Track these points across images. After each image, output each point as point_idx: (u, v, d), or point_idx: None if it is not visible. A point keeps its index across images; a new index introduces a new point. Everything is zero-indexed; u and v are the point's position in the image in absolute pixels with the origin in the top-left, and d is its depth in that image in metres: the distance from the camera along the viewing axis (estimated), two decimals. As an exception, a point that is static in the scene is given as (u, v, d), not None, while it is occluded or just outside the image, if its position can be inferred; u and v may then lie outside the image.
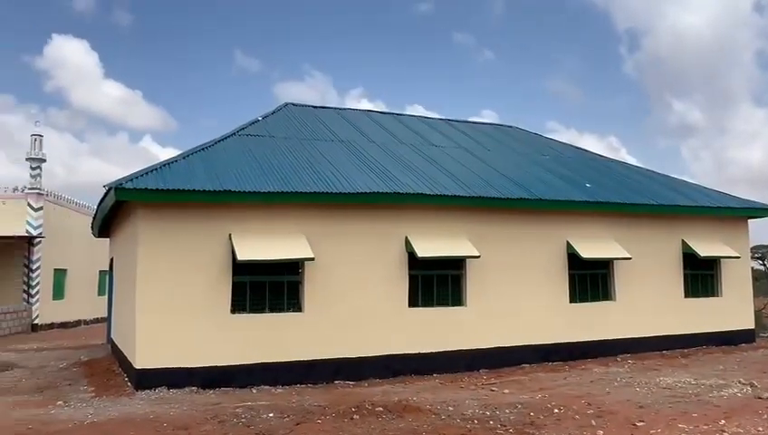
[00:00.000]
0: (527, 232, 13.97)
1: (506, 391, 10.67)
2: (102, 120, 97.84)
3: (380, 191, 12.38)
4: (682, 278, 15.83)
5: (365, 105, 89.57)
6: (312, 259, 11.58)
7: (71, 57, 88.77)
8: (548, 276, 14.08)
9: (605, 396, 10.01)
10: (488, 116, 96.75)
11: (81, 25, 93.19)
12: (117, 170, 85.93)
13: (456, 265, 13.22)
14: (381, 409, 9.10)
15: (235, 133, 14.52)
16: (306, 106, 18.45)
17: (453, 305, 13.16)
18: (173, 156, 12.95)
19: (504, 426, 8.16)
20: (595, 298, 14.73)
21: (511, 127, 21.20)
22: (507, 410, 9.00)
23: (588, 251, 14.17)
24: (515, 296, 13.56)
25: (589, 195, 14.84)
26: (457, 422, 8.38)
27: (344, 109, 19.50)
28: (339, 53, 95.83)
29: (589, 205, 14.51)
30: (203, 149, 13.21)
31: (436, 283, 13.12)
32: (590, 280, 14.75)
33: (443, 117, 20.67)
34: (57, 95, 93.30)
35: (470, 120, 21.94)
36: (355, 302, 12.17)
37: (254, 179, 11.89)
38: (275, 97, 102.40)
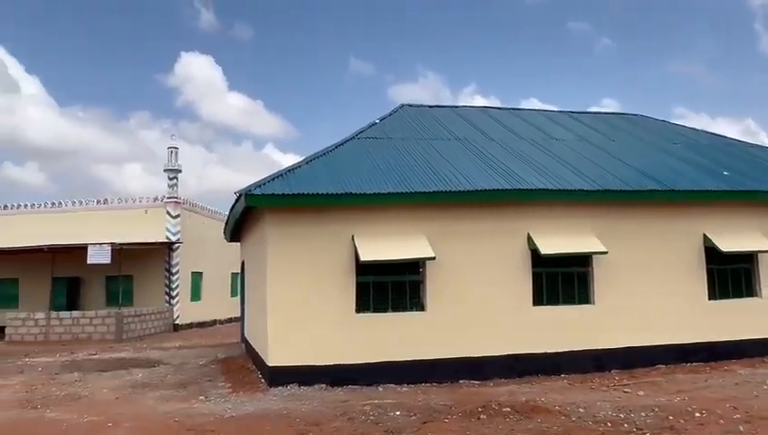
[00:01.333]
0: (659, 225, 13.25)
1: (641, 392, 10.18)
2: (228, 130, 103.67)
3: (501, 188, 12.21)
4: (840, 271, 14.36)
5: (479, 102, 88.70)
6: (433, 258, 11.62)
7: (198, 73, 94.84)
8: (683, 272, 13.26)
9: (753, 400, 9.29)
10: (609, 105, 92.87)
11: (206, 42, 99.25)
12: (243, 177, 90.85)
13: (582, 262, 12.78)
14: (509, 409, 8.97)
15: (354, 137, 14.84)
16: (422, 106, 18.54)
17: (580, 304, 12.73)
18: (297, 161, 13.46)
19: (641, 429, 7.79)
20: (738, 294, 13.70)
21: (636, 115, 20.19)
22: (643, 413, 8.59)
23: (728, 244, 13.22)
24: (647, 293, 12.89)
25: (727, 183, 13.84)
26: (589, 425, 8.10)
27: (460, 106, 19.39)
28: (450, 51, 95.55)
29: (727, 194, 13.53)
30: (324, 153, 13.62)
31: (561, 280, 12.74)
32: (731, 275, 13.75)
33: (561, 109, 20.06)
34: (187, 109, 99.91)
35: (591, 110, 21.14)
36: (477, 301, 12.08)
37: (374, 181, 12.12)
38: (390, 99, 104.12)
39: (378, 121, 16.25)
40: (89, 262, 24.13)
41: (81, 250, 24.39)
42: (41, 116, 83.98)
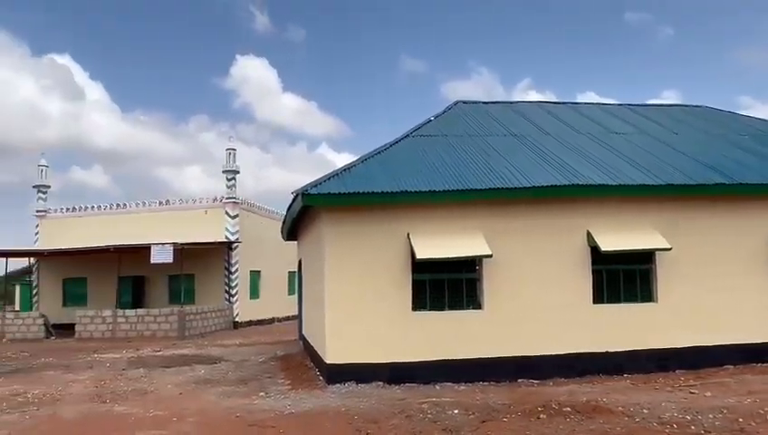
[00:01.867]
0: (726, 220, 12.78)
1: (708, 393, 9.85)
2: (283, 131, 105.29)
3: (558, 184, 12.00)
4: None
5: (533, 97, 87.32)
6: (490, 256, 11.53)
7: (253, 75, 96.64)
8: (752, 268, 12.73)
9: (830, 403, 8.86)
10: (670, 97, 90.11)
11: (261, 45, 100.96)
12: (298, 177, 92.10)
13: (644, 259, 12.44)
14: (569, 409, 8.82)
15: (409, 135, 14.84)
16: (477, 102, 18.39)
17: (642, 302, 12.40)
18: (351, 161, 13.54)
19: (709, 432, 7.55)
20: (812, 292, 13.06)
21: (699, 106, 19.51)
22: (711, 415, 8.30)
23: (800, 239, 12.61)
24: (714, 291, 12.44)
25: (799, 176, 13.20)
26: (654, 426, 7.89)
27: (516, 102, 19.15)
28: (504, 46, 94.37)
29: (799, 187, 12.91)
30: (379, 152, 13.67)
31: (622, 278, 12.44)
32: (804, 272, 13.12)
33: (619, 102, 19.55)
34: (244, 111, 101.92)
35: (651, 103, 20.51)
36: (536, 299, 11.91)
37: (429, 179, 12.10)
38: (443, 97, 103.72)
39: (432, 119, 16.19)
40: (152, 261, 24.92)
41: (144, 250, 25.20)
42: (105, 121, 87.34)
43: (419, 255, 11.32)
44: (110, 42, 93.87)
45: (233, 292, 29.90)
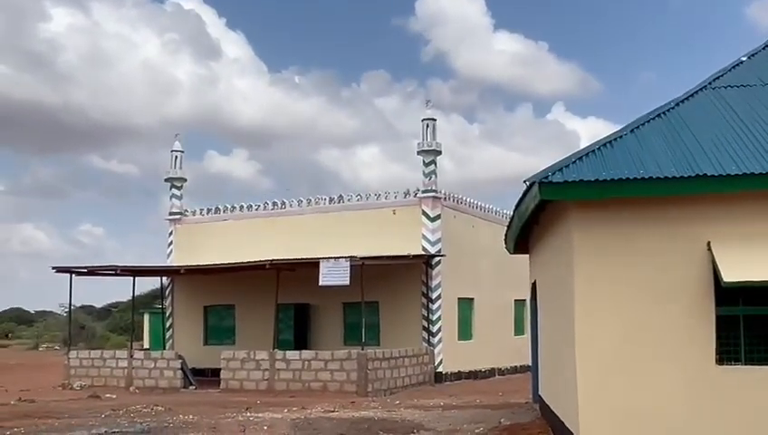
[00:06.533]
0: None
1: None
2: (498, 89, 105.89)
3: None
4: None
5: None
6: None
7: (449, 8, 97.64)
8: None
9: None
10: None
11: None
12: (522, 158, 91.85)
13: None
14: None
15: (705, 86, 14.31)
16: (820, 29, 17.18)
17: None
18: (614, 131, 13.19)
19: None
20: None
21: None
22: None
23: None
24: None
25: None
26: None
27: None
28: None
29: None
30: (659, 115, 13.27)
31: None
32: None
33: None
34: (437, 63, 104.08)
35: None
36: None
37: (744, 156, 11.44)
38: (751, 23, 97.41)
39: (744, 59, 15.45)
40: (321, 283, 26.08)
41: (310, 267, 26.51)
42: (248, 87, 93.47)
43: (728, 276, 10.68)
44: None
45: (434, 329, 30.45)
